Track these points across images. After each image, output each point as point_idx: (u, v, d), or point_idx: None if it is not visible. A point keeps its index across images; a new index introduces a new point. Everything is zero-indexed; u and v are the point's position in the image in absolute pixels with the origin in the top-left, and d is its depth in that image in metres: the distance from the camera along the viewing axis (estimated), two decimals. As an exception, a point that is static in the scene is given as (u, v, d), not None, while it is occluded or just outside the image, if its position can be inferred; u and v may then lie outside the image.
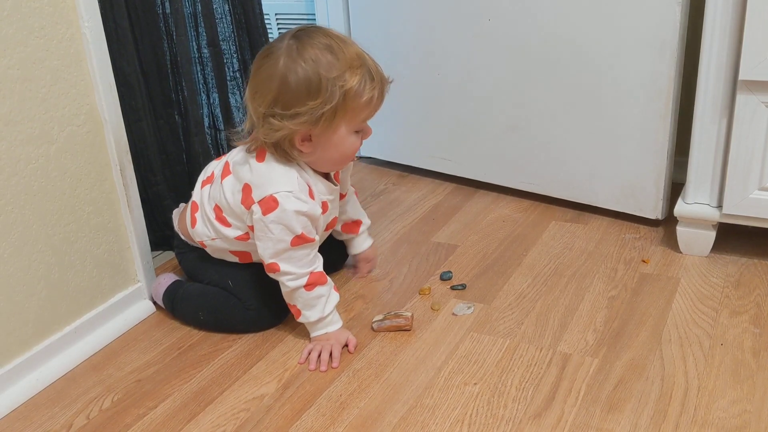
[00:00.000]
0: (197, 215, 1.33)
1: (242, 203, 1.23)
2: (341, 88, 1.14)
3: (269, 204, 1.18)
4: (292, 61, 1.15)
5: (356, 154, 1.28)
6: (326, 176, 1.29)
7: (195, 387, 1.20)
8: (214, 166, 1.36)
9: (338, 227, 1.46)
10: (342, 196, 1.41)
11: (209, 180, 1.33)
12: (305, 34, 1.18)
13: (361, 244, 1.50)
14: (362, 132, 1.24)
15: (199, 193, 1.34)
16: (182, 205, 1.45)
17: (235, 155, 1.29)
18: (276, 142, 1.19)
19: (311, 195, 1.22)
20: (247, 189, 1.22)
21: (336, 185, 1.32)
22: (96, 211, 1.31)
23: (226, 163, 1.29)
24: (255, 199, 1.20)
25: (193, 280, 1.41)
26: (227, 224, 1.28)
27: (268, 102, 1.16)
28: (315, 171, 1.26)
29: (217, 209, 1.29)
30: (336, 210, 1.36)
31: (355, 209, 1.48)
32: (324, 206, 1.26)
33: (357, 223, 1.48)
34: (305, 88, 1.14)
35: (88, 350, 1.30)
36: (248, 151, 1.25)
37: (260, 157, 1.23)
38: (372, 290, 1.46)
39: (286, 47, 1.16)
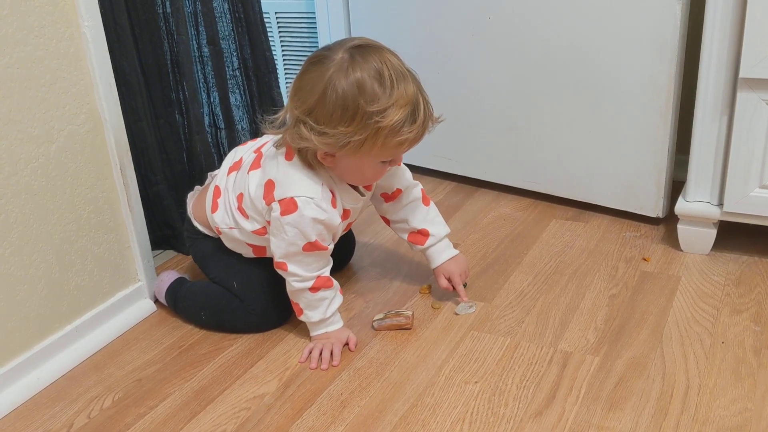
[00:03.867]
0: (219, 201, 1.30)
1: (263, 198, 1.21)
2: (376, 123, 1.09)
3: (288, 206, 1.17)
4: (338, 78, 1.09)
5: None
6: (354, 185, 1.26)
7: (196, 386, 1.20)
8: (243, 152, 1.32)
9: (404, 236, 1.39)
10: (391, 196, 1.36)
11: (236, 166, 1.30)
12: (360, 52, 1.11)
13: (436, 257, 1.37)
14: (390, 161, 1.20)
15: (224, 179, 1.31)
16: (197, 188, 1.42)
17: (268, 147, 1.26)
18: (300, 149, 1.18)
19: (333, 203, 1.20)
20: (269, 185, 1.20)
21: (363, 194, 1.28)
22: (96, 211, 1.31)
23: (258, 155, 1.27)
24: (275, 198, 1.18)
25: (200, 268, 1.40)
26: (246, 216, 1.26)
27: (304, 108, 1.13)
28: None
29: (240, 198, 1.27)
30: (357, 215, 1.32)
31: (419, 217, 1.36)
32: (345, 213, 1.25)
33: (422, 234, 1.36)
34: (340, 112, 1.10)
35: (89, 349, 1.30)
36: (276, 145, 1.22)
37: (289, 156, 1.20)
38: (372, 289, 1.46)
39: (339, 60, 1.10)
